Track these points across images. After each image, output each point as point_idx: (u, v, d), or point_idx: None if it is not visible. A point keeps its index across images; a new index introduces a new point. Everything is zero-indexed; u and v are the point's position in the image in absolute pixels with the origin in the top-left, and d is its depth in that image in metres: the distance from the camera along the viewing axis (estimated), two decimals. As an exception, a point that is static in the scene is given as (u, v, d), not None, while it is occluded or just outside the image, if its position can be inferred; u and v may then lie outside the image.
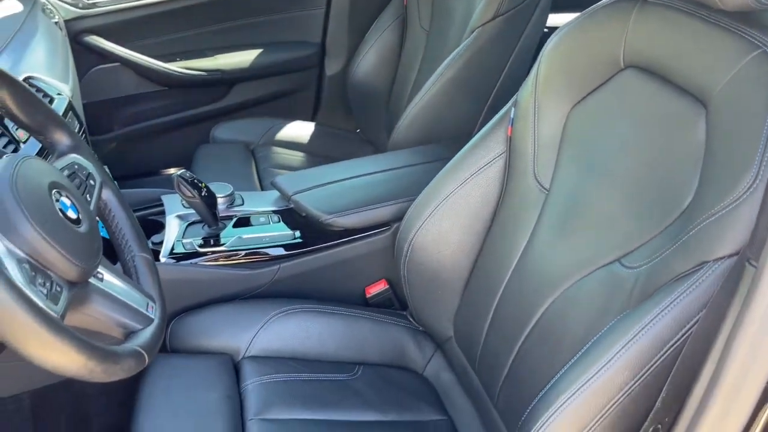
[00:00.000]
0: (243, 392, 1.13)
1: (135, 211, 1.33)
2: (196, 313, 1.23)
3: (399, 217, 1.29)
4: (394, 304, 1.39)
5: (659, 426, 0.76)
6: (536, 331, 1.00)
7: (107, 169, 1.22)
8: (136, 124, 2.11)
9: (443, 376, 1.28)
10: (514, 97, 1.16)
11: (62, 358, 0.62)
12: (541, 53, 1.11)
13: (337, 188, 1.39)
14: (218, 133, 2.05)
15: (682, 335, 0.73)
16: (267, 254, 1.29)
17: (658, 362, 0.74)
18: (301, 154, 1.99)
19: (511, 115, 1.15)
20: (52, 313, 0.63)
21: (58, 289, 0.69)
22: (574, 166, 1.03)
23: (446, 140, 1.59)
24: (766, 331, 0.55)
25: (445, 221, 1.18)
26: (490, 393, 1.12)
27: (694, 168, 0.82)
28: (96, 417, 1.29)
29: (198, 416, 1.05)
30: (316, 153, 2.00)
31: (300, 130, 2.09)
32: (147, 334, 0.80)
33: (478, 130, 1.21)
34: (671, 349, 0.73)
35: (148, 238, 1.33)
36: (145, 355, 0.76)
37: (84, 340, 0.65)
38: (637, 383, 0.74)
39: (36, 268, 0.67)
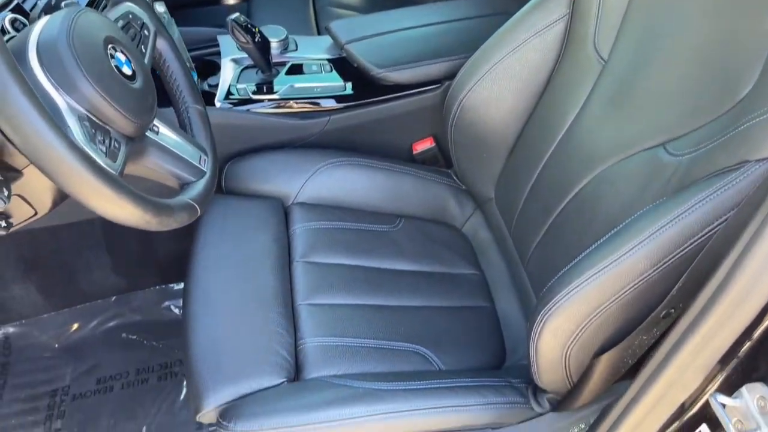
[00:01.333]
0: (291, 235, 1.21)
1: (191, 50, 1.36)
2: (249, 158, 1.29)
3: (451, 75, 1.27)
4: (439, 161, 1.41)
5: (672, 310, 0.80)
6: (572, 204, 1.02)
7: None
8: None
9: (480, 234, 1.33)
10: (585, -47, 1.08)
11: (121, 212, 0.69)
12: None
13: (392, 39, 1.37)
14: (278, -36, 1.98)
15: (709, 231, 0.74)
16: (318, 105, 1.31)
17: (681, 254, 0.75)
18: (361, -9, 1.92)
19: (579, -26, 1.07)
20: (111, 170, 0.69)
21: (116, 145, 0.74)
22: (635, 38, 0.98)
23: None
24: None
25: (497, 84, 1.16)
26: (521, 255, 1.17)
27: (758, 58, 0.77)
28: (160, 244, 1.42)
29: (250, 254, 1.15)
30: (378, -10, 1.93)
31: (362, -36, 2.00)
32: (199, 186, 0.86)
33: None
34: (695, 243, 0.74)
35: (205, 79, 1.38)
36: (198, 208, 0.82)
37: (141, 195, 0.71)
38: (656, 271, 0.77)
39: (95, 125, 0.72)
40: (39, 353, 1.41)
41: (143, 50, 0.90)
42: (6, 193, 0.68)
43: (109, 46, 0.78)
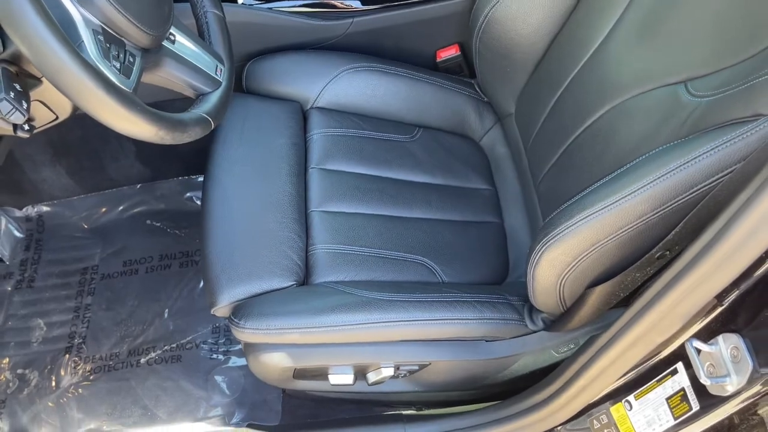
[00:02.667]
0: (308, 140, 1.23)
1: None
2: (270, 58, 1.29)
3: (482, -18, 1.21)
4: (463, 70, 1.38)
5: (667, 252, 0.82)
6: (588, 132, 1.02)
7: None
8: None
9: (498, 149, 1.33)
10: None
11: (135, 128, 0.72)
12: None
13: (423, -63, 1.30)
14: None
15: (714, 181, 0.74)
16: (343, 5, 1.28)
17: (683, 200, 0.76)
18: None
19: None
20: (125, 88, 0.71)
21: (131, 59, 0.75)
22: (675, -39, 0.93)
23: None
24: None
25: (527, -3, 1.12)
26: (534, 175, 1.18)
27: (795, 2, 0.73)
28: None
29: (267, 157, 1.17)
30: None
31: None
32: (214, 99, 0.88)
33: None
34: (698, 191, 0.75)
35: (228, -29, 1.34)
36: (211, 122, 0.84)
37: (154, 112, 0.73)
38: (656, 215, 0.78)
39: (110, 38, 0.73)
40: (70, 233, 1.49)
41: (159, -48, 0.88)
42: (25, 106, 0.70)
43: (124, -49, 0.76)
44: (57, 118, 0.83)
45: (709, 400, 0.74)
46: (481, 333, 1.03)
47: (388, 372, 1.05)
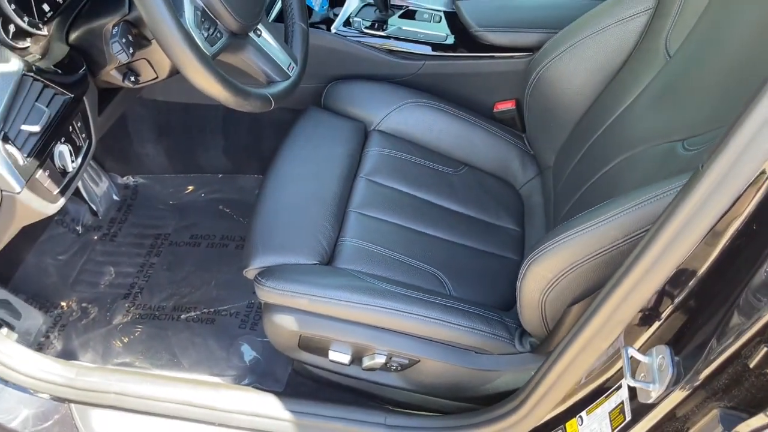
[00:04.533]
0: (363, 155, 1.39)
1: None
2: (348, 82, 1.48)
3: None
4: (516, 124, 1.51)
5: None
6: (601, 179, 1.12)
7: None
8: None
9: (534, 198, 1.44)
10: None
11: (206, 84, 0.91)
12: None
13: (501, 3, 1.48)
14: None
15: (675, 216, 0.83)
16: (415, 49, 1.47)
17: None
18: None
19: (670, -29, 1.13)
20: (205, 51, 0.90)
21: (219, 35, 0.95)
22: (700, 40, 1.04)
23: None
24: (683, 230, 0.67)
25: (574, 62, 1.26)
26: (555, 221, 1.28)
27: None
28: (266, 139, 1.67)
29: (325, 161, 1.34)
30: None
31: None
32: (281, 86, 1.07)
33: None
34: (661, 224, 0.84)
35: (333, 7, 1.57)
36: (272, 101, 1.02)
37: (224, 75, 0.92)
38: (626, 241, 0.87)
39: (206, 16, 0.94)
40: (155, 204, 1.73)
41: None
42: (131, 51, 0.92)
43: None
44: (157, 77, 1.05)
45: (639, 410, 0.80)
46: (470, 342, 1.12)
47: (381, 359, 1.15)
